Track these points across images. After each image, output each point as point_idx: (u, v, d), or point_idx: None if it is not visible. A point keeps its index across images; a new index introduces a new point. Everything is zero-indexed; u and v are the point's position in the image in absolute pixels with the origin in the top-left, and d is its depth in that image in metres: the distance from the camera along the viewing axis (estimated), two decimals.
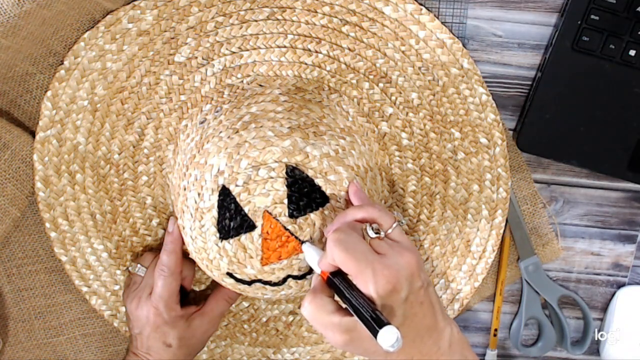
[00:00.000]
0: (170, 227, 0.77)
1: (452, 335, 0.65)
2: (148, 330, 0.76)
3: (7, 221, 0.78)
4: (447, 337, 0.64)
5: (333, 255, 0.61)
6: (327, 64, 0.77)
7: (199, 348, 0.79)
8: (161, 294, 0.75)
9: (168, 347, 0.76)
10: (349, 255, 0.60)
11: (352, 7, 0.76)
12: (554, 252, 0.84)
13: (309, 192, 0.67)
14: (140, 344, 0.76)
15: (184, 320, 0.76)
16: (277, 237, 0.67)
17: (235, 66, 0.76)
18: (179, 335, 0.76)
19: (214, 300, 0.78)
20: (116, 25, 0.75)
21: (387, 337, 0.56)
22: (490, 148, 0.79)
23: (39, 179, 0.77)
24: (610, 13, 0.76)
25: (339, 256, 0.61)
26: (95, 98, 0.77)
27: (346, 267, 0.61)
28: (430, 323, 0.63)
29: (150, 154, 0.78)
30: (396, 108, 0.78)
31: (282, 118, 0.70)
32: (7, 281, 0.82)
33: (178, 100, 0.77)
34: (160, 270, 0.75)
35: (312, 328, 0.83)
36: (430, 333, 0.63)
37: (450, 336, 0.64)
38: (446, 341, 0.64)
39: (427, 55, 0.77)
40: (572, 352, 0.86)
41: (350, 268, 0.61)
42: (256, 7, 0.75)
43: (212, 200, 0.67)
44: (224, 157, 0.67)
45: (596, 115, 0.78)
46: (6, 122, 0.76)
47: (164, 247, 0.76)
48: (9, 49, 0.72)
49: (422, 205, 0.80)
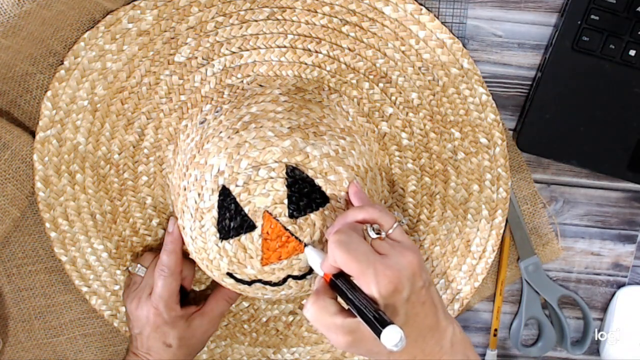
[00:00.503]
0: (170, 227, 0.77)
1: (455, 335, 0.65)
2: (148, 330, 0.76)
3: (7, 221, 0.78)
4: (449, 336, 0.64)
5: (335, 257, 0.61)
6: (327, 64, 0.77)
7: (199, 348, 0.79)
8: (161, 294, 0.75)
9: (168, 347, 0.76)
10: (350, 257, 0.60)
11: (352, 7, 0.76)
12: (554, 252, 0.84)
13: (309, 193, 0.67)
14: (140, 344, 0.76)
15: (184, 321, 0.76)
16: (277, 237, 0.67)
17: (235, 66, 0.76)
18: (179, 335, 0.76)
19: (214, 300, 0.78)
20: (116, 25, 0.75)
21: (390, 336, 0.56)
22: (490, 148, 0.79)
23: (39, 179, 0.77)
24: (610, 13, 0.76)
25: (340, 257, 0.61)
26: (95, 98, 0.77)
27: (348, 268, 0.61)
28: (432, 322, 0.63)
29: (150, 154, 0.78)
30: (396, 108, 0.78)
31: (282, 118, 0.70)
32: (7, 281, 0.82)
33: (178, 100, 0.77)
34: (160, 271, 0.75)
35: (312, 328, 0.83)
36: (433, 332, 0.63)
37: (452, 335, 0.64)
38: (448, 341, 0.64)
39: (427, 55, 0.77)
40: (572, 352, 0.86)
41: (352, 269, 0.61)
42: (256, 7, 0.75)
43: (212, 200, 0.67)
44: (224, 157, 0.67)
45: (596, 115, 0.78)
46: (6, 122, 0.76)
47: (164, 247, 0.76)
48: (9, 49, 0.72)
49: (422, 205, 0.80)
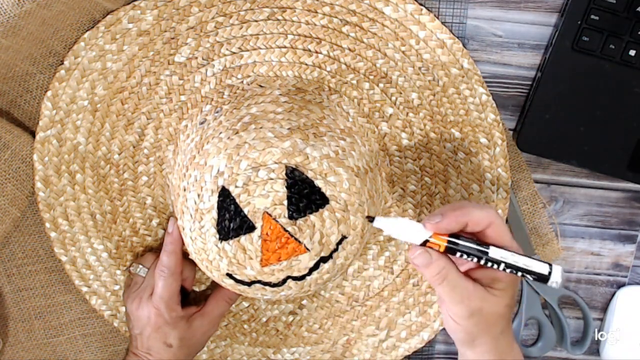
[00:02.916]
0: (170, 228, 0.77)
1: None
2: (149, 330, 0.76)
3: (7, 221, 0.78)
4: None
5: (463, 212, 0.62)
6: (328, 64, 0.77)
7: (199, 348, 0.79)
8: (162, 294, 0.75)
9: (169, 348, 0.76)
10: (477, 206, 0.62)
11: (352, 8, 0.76)
12: (554, 252, 0.84)
13: (309, 194, 0.67)
14: (141, 344, 0.76)
15: (185, 321, 0.76)
16: (276, 238, 0.67)
17: (235, 66, 0.76)
18: (179, 335, 0.76)
19: (214, 300, 0.78)
20: (116, 25, 0.75)
21: (557, 274, 0.60)
22: (490, 148, 0.79)
23: (39, 179, 0.77)
24: (610, 13, 0.76)
25: (469, 210, 0.62)
26: (95, 98, 0.77)
27: (479, 216, 0.62)
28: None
29: (150, 154, 0.78)
30: (396, 108, 0.78)
31: (282, 119, 0.70)
32: (7, 281, 0.82)
33: (178, 100, 0.77)
34: (160, 271, 0.75)
35: (312, 328, 0.83)
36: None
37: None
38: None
39: (427, 55, 0.77)
40: (572, 352, 0.86)
41: (483, 218, 0.62)
42: (256, 8, 0.75)
43: (211, 201, 0.67)
44: (224, 158, 0.67)
45: (596, 115, 0.78)
46: (6, 122, 0.76)
47: (164, 247, 0.76)
48: (9, 49, 0.72)
49: (422, 205, 0.80)
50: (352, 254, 0.70)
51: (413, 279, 0.81)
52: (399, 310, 0.82)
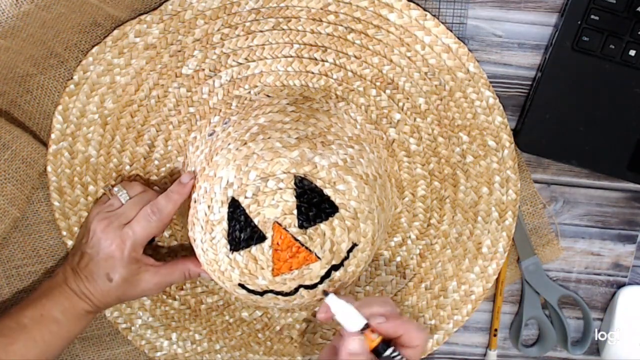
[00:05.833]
0: (185, 179, 0.74)
1: None
2: (101, 256, 0.73)
3: (7, 221, 0.77)
4: None
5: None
6: (334, 72, 0.77)
7: (129, 298, 0.76)
8: (139, 234, 0.73)
9: (108, 281, 0.73)
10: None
11: (357, 15, 0.76)
12: (554, 252, 0.84)
13: (318, 202, 0.67)
14: (84, 264, 0.73)
15: (138, 267, 0.74)
16: (287, 247, 0.68)
17: (242, 77, 0.77)
18: (125, 276, 0.73)
19: (174, 266, 0.76)
20: (123, 40, 0.76)
21: None
22: (498, 151, 0.79)
23: (54, 189, 0.78)
24: (610, 13, 0.76)
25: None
26: (105, 111, 0.77)
27: (415, 337, 0.66)
28: None
29: (160, 165, 0.79)
30: (404, 114, 0.78)
31: (290, 128, 0.71)
32: (6, 282, 0.81)
33: (187, 112, 0.77)
34: (150, 212, 0.73)
35: (326, 335, 0.83)
36: None
37: None
38: None
39: (433, 60, 0.77)
40: (572, 352, 0.86)
41: (416, 340, 0.66)
42: (261, 18, 0.76)
43: (221, 212, 0.68)
44: (233, 169, 0.68)
45: (596, 115, 0.78)
46: (6, 122, 0.76)
47: (169, 193, 0.74)
48: (9, 50, 0.72)
49: (432, 210, 0.80)
50: (363, 262, 0.70)
51: (425, 282, 0.81)
52: (412, 314, 0.82)
